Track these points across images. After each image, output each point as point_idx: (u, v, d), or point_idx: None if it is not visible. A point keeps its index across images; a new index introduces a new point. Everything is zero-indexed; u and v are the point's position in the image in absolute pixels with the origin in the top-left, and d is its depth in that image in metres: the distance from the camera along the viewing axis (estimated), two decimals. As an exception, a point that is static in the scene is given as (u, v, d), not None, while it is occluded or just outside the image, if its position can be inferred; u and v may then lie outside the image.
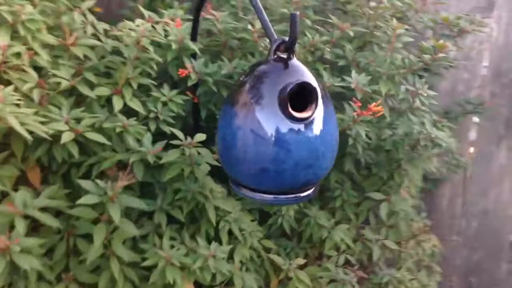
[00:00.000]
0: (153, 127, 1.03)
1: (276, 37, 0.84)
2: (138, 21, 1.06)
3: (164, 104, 1.06)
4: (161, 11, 1.16)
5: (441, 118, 1.23)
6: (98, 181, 0.90)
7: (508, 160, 1.68)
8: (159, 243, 0.99)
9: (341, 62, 1.10)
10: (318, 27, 1.15)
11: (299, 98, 0.79)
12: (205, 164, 1.00)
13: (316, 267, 1.24)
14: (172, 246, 0.98)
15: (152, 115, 1.04)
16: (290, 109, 0.76)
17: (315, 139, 0.79)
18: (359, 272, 1.30)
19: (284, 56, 0.82)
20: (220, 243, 1.04)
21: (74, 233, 0.94)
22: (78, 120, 0.94)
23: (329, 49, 1.12)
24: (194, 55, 1.12)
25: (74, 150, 0.92)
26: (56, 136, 0.90)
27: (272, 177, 0.79)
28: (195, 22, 1.09)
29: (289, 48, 0.81)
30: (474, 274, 1.66)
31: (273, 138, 0.77)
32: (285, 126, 0.77)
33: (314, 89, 0.77)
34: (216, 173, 1.02)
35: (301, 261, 1.21)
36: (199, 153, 0.99)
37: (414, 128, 1.08)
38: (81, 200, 0.87)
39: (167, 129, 1.04)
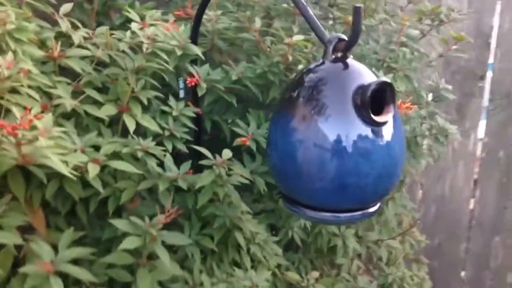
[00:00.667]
0: (169, 146, 0.89)
1: (329, 36, 0.76)
2: (134, 25, 0.91)
3: (175, 119, 0.92)
4: (125, 13, 1.01)
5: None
6: (134, 218, 0.75)
7: (460, 144, 1.76)
8: (191, 279, 0.86)
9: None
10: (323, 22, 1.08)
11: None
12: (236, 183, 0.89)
13: (332, 278, 1.18)
14: (212, 284, 0.86)
15: (166, 132, 0.89)
16: (371, 113, 0.69)
17: (394, 144, 0.73)
18: (368, 276, 1.27)
19: (340, 55, 0.75)
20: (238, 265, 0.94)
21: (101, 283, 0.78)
22: (95, 148, 0.77)
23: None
24: (195, 61, 0.99)
25: (98, 185, 0.75)
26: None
27: (352, 193, 0.71)
28: (197, 23, 0.96)
29: (351, 46, 0.74)
30: (436, 258, 1.70)
31: (351, 149, 0.69)
32: (365, 133, 0.70)
33: (393, 88, 0.71)
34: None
35: (315, 274, 1.14)
36: (228, 173, 0.88)
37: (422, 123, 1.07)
38: (123, 245, 0.71)
39: (181, 146, 0.91)
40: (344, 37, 0.74)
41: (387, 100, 0.70)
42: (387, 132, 0.70)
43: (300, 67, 0.97)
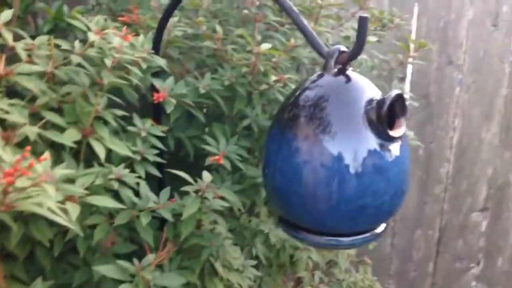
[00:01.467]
0: (142, 171, 0.79)
1: (328, 48, 0.72)
2: (91, 35, 0.79)
3: (143, 140, 0.82)
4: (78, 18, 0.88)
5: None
6: (122, 262, 0.64)
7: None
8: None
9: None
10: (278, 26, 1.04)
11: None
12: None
13: (298, 293, 1.14)
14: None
15: (137, 156, 0.79)
16: (387, 128, 0.66)
17: (405, 159, 0.70)
18: (324, 286, 1.25)
19: (340, 68, 0.71)
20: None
21: None
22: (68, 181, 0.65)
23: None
24: (156, 73, 0.89)
25: (78, 229, 0.63)
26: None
27: (368, 214, 0.67)
28: (160, 32, 0.87)
29: (353, 58, 0.70)
30: (364, 254, 1.75)
31: (366, 167, 0.65)
32: (380, 149, 0.66)
33: (404, 100, 0.68)
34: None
35: (280, 290, 1.10)
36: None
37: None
38: (116, 296, 0.61)
39: (154, 170, 0.81)
40: (345, 48, 0.70)
41: (399, 113, 0.67)
42: (399, 147, 0.68)
43: (273, 78, 0.92)
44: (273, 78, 0.93)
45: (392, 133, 0.66)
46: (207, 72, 0.94)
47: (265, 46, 0.92)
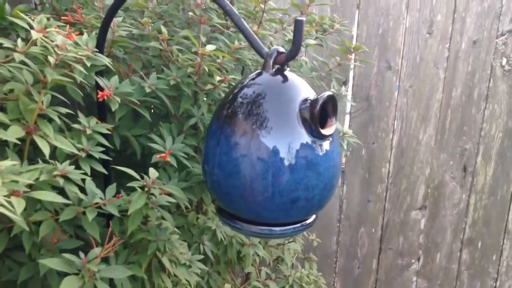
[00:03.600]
0: (87, 168, 0.79)
1: (267, 49, 0.76)
2: (34, 33, 0.79)
3: (88, 137, 0.83)
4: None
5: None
6: (68, 255, 0.65)
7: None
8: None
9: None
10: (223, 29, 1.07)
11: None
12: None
13: (245, 288, 1.17)
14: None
15: (83, 153, 0.80)
16: (319, 127, 0.70)
17: (336, 155, 0.75)
18: (271, 281, 1.29)
19: (278, 68, 0.75)
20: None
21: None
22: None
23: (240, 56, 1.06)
24: (101, 72, 0.90)
25: (23, 223, 0.63)
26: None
27: (301, 206, 0.71)
28: (103, 31, 0.88)
29: (291, 59, 0.74)
30: (311, 252, 1.80)
31: (299, 162, 0.69)
32: (312, 145, 0.70)
33: (335, 101, 0.73)
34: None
35: (228, 286, 1.13)
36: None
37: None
38: (63, 287, 0.61)
39: (100, 167, 0.81)
40: (283, 50, 0.74)
41: (330, 113, 0.72)
42: (330, 144, 0.72)
43: (217, 78, 0.95)
44: (218, 78, 0.96)
45: (323, 131, 0.70)
46: (153, 72, 0.96)
47: (210, 47, 0.95)
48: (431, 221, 2.09)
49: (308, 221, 0.78)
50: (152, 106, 1.01)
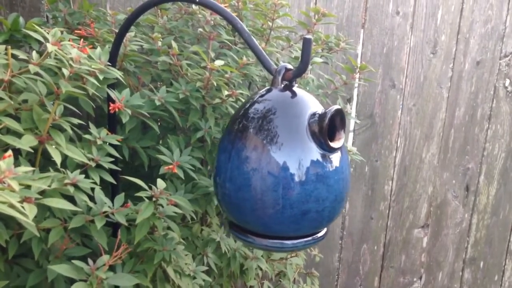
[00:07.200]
0: (96, 178, 0.81)
1: (275, 66, 0.78)
2: (50, 46, 0.82)
3: (98, 148, 0.85)
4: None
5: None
6: (77, 262, 0.67)
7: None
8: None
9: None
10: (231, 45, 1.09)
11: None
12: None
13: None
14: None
15: (92, 163, 0.81)
16: (328, 140, 0.72)
17: (346, 169, 0.76)
18: (273, 295, 1.29)
19: (287, 84, 0.77)
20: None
21: None
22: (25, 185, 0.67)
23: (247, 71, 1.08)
24: (113, 85, 0.93)
25: (34, 229, 0.65)
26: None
27: (311, 218, 0.73)
28: (117, 46, 0.91)
29: (299, 75, 0.76)
30: (312, 267, 1.80)
31: (309, 175, 0.71)
32: (321, 158, 0.72)
33: (343, 115, 0.75)
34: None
35: (230, 299, 1.14)
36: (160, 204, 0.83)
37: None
38: (71, 293, 0.63)
39: (109, 177, 0.83)
40: (291, 66, 0.76)
41: (338, 127, 0.73)
42: (339, 157, 0.74)
43: (225, 92, 0.97)
44: (226, 93, 0.98)
45: (332, 144, 0.72)
46: (161, 85, 0.98)
47: (219, 63, 0.97)
48: (433, 240, 2.09)
49: (320, 235, 0.79)
50: (158, 119, 1.03)
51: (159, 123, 1.04)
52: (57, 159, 0.75)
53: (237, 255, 1.15)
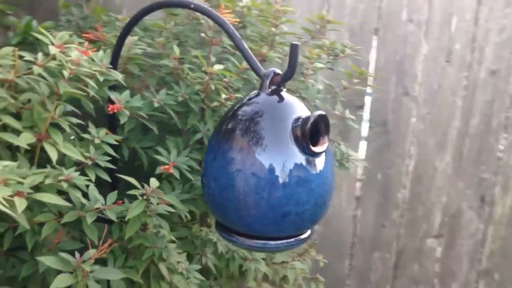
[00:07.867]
0: (92, 175, 0.85)
1: (265, 70, 0.80)
2: (52, 48, 0.86)
3: (97, 147, 0.88)
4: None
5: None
6: (65, 254, 0.70)
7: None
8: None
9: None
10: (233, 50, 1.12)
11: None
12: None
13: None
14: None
15: (89, 161, 0.85)
16: (310, 144, 0.73)
17: (328, 173, 0.78)
18: (274, 298, 1.30)
19: (275, 88, 0.79)
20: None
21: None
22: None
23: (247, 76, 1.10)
24: (113, 87, 0.96)
25: (24, 221, 0.69)
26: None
27: (292, 220, 0.74)
28: (118, 49, 0.94)
29: (286, 80, 0.78)
30: (322, 275, 1.80)
31: (290, 178, 0.73)
32: (303, 162, 0.74)
33: (327, 120, 0.76)
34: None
35: (229, 300, 1.16)
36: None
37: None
38: (55, 284, 0.66)
39: (105, 175, 0.87)
40: (279, 71, 0.78)
41: (322, 132, 0.75)
42: (322, 162, 0.75)
43: (223, 96, 0.99)
44: (224, 96, 1.00)
45: (315, 148, 0.73)
46: (165, 88, 1.01)
47: (217, 67, 1.00)
48: (447, 250, 2.06)
49: (303, 236, 0.80)
50: (161, 121, 1.06)
51: (161, 125, 1.07)
52: (53, 156, 0.78)
53: (236, 256, 1.17)
